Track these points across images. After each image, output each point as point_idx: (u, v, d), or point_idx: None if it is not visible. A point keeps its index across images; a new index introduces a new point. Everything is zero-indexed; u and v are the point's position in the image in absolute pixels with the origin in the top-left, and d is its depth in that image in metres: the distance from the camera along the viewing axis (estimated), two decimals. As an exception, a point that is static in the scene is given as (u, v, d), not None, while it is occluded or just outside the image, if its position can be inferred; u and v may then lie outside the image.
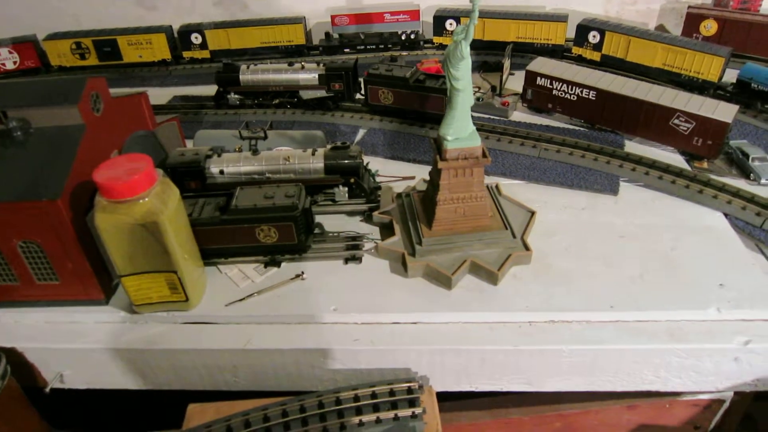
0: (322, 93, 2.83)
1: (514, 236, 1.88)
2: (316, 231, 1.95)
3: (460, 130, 1.75)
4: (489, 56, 3.20)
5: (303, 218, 1.82)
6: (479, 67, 3.15)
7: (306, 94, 2.85)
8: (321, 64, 2.79)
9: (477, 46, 3.24)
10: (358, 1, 3.41)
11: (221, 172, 2.03)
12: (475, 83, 3.03)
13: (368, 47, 3.33)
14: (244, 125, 2.29)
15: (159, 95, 3.15)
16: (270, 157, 2.03)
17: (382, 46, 3.30)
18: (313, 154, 2.03)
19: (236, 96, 2.92)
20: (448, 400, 2.04)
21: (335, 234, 1.97)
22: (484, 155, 1.78)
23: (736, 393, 1.86)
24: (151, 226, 1.59)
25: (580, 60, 3.06)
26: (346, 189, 2.05)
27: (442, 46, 3.32)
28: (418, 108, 2.59)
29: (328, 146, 2.07)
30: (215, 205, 1.86)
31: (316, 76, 2.79)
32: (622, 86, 2.42)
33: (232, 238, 1.85)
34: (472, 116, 1.77)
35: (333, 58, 3.23)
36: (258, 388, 1.84)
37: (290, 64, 2.82)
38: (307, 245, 1.89)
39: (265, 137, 2.24)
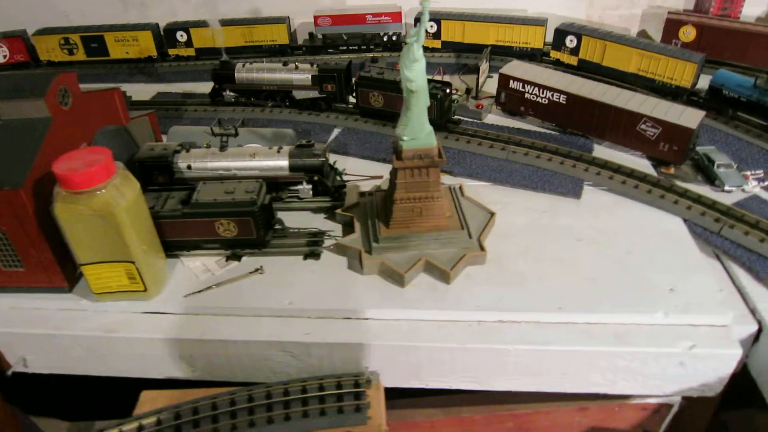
0: (314, 94, 2.84)
1: (470, 237, 1.91)
2: (277, 227, 1.99)
3: (416, 131, 1.78)
4: (469, 59, 3.23)
5: (262, 214, 1.86)
6: (459, 69, 3.18)
7: (299, 95, 2.86)
8: (314, 65, 2.80)
9: (457, 48, 3.28)
10: (344, 2, 3.44)
11: (189, 167, 2.08)
12: (454, 85, 3.06)
13: (351, 48, 3.36)
14: (216, 122, 2.33)
15: (144, 91, 3.21)
16: (236, 154, 2.07)
17: (365, 47, 3.34)
18: (278, 151, 2.07)
19: (231, 93, 2.94)
20: (405, 396, 2.07)
21: (296, 230, 2.01)
22: (440, 155, 1.81)
23: (683, 398, 1.88)
24: (108, 217, 1.63)
25: (558, 64, 3.09)
26: (310, 187, 2.08)
27: (424, 48, 3.33)
28: None
29: (294, 144, 2.11)
30: (178, 198, 1.91)
31: (309, 77, 2.79)
32: (591, 90, 2.44)
33: (193, 231, 1.89)
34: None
35: (326, 59, 3.23)
36: (214, 378, 1.88)
37: (284, 63, 2.84)
38: (267, 240, 1.93)
39: (236, 134, 2.28)
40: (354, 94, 2.77)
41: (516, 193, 2.25)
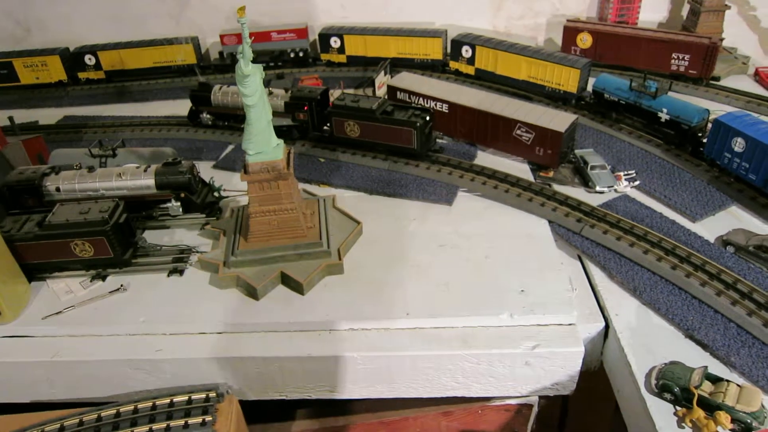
0: (288, 121, 2.67)
1: (328, 247, 1.93)
2: (140, 245, 2.00)
3: (261, 144, 1.81)
4: (375, 72, 3.27)
5: (116, 233, 1.86)
6: (364, 83, 3.23)
7: (273, 121, 2.67)
8: (288, 91, 2.67)
9: (361, 62, 3.34)
10: (258, 21, 3.49)
11: (57, 189, 2.09)
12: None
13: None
14: (96, 143, 2.35)
15: (51, 115, 3.22)
16: (104, 174, 2.09)
17: (272, 64, 3.38)
18: (145, 170, 2.08)
19: (208, 116, 2.84)
20: (288, 409, 2.08)
21: (158, 248, 2.02)
22: (288, 168, 1.84)
23: (541, 397, 1.90)
24: (-58, 242, 1.65)
25: (458, 74, 3.14)
26: (179, 204, 2.10)
27: (330, 63, 3.41)
28: (385, 141, 2.45)
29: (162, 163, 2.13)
30: (36, 221, 1.92)
31: (282, 104, 2.64)
32: (470, 99, 2.48)
33: (50, 252, 1.89)
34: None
35: (301, 86, 2.82)
36: (77, 398, 1.88)
37: None
38: (127, 259, 1.94)
39: (114, 155, 2.31)
40: (328, 124, 2.59)
41: (392, 202, 2.28)
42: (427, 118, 2.39)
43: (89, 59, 3.34)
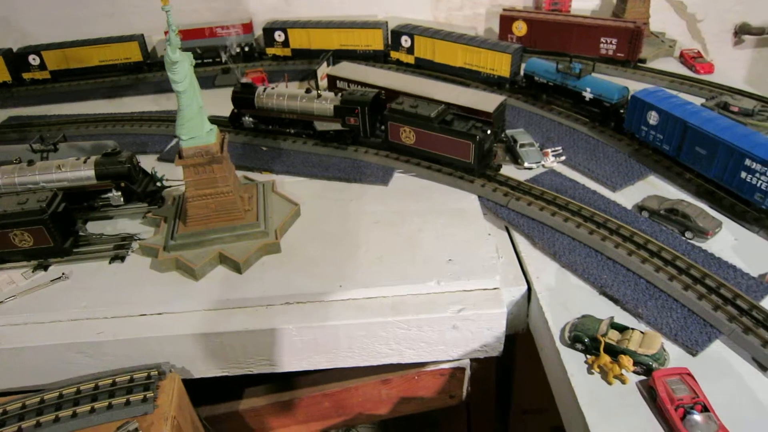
0: (337, 126, 2.54)
1: (266, 228, 2.00)
2: (81, 234, 2.04)
3: (194, 129, 1.87)
4: (319, 65, 3.35)
5: (55, 221, 1.91)
6: (308, 75, 3.31)
7: (321, 126, 2.58)
8: (338, 94, 2.54)
9: (305, 55, 3.42)
10: (202, 17, 3.54)
11: (-4, 184, 2.12)
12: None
13: (205, 60, 3.44)
14: (37, 138, 2.38)
15: (-2, 116, 3.23)
16: (43, 167, 2.12)
17: (219, 60, 3.43)
18: (84, 162, 2.13)
19: (251, 119, 2.69)
20: (235, 389, 2.14)
21: (99, 236, 2.07)
22: (222, 151, 1.91)
23: (472, 360, 2.01)
24: None
25: (399, 63, 3.25)
26: (120, 194, 2.15)
27: (275, 57, 3.48)
28: (440, 152, 2.31)
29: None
30: (-26, 214, 1.95)
31: (332, 108, 2.50)
32: (405, 85, 2.58)
33: (-11, 244, 1.93)
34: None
35: (353, 90, 2.64)
36: (21, 387, 1.91)
37: (307, 91, 2.59)
38: (67, 248, 1.98)
39: (56, 150, 2.34)
40: (382, 128, 2.46)
41: (332, 186, 2.37)
42: (488, 131, 2.24)
43: (33, 59, 3.34)
